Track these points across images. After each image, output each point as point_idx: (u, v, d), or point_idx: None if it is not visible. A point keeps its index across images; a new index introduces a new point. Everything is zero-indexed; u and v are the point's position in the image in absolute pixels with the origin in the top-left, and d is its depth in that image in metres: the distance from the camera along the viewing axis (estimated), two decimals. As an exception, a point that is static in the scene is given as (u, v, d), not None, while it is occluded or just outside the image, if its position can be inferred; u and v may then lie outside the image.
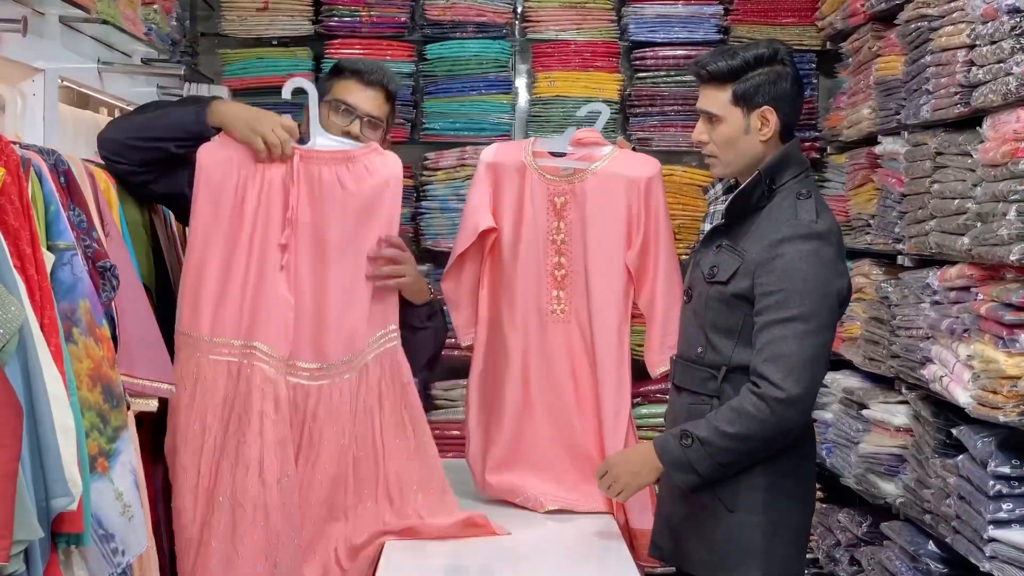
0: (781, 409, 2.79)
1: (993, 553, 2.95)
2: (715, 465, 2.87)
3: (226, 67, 4.94)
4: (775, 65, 2.96)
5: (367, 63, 3.34)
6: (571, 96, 4.93)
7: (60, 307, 2.24)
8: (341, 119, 3.22)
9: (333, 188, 3.07)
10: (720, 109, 2.97)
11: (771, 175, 2.96)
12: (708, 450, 2.85)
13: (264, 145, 3.00)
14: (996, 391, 2.92)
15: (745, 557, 2.95)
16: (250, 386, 3.00)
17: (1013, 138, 2.87)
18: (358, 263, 3.09)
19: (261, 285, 3.02)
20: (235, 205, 3.01)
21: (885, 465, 3.89)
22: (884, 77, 4.04)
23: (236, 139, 3.02)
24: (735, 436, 2.83)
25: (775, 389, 2.78)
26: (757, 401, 2.80)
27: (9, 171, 2.12)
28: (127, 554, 2.39)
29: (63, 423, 2.11)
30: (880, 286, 4.00)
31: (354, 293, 3.08)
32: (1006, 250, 2.84)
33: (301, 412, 3.04)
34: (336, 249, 3.07)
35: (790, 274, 2.83)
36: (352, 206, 3.08)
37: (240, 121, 3.04)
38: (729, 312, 2.95)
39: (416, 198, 4.96)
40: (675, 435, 2.91)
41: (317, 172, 3.06)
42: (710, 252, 3.04)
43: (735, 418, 2.83)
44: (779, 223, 2.90)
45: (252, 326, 3.01)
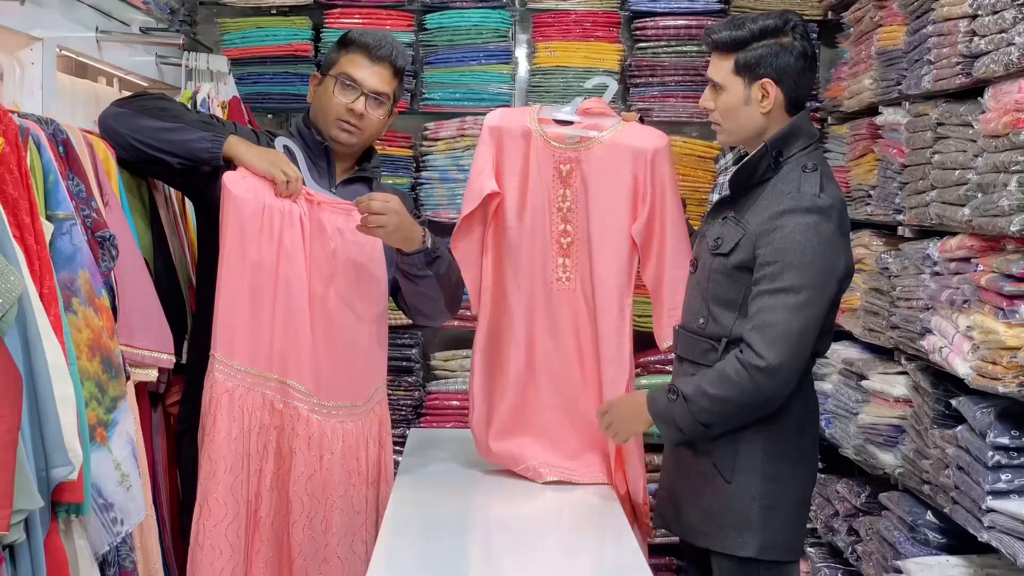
0: (761, 377, 2.82)
1: (991, 523, 2.96)
2: (696, 423, 2.92)
3: (225, 36, 4.91)
4: (781, 37, 2.95)
5: (376, 36, 3.29)
6: (571, 66, 4.91)
7: (59, 277, 2.24)
8: (346, 95, 3.21)
9: (335, 236, 3.11)
10: (723, 78, 2.99)
11: (778, 147, 2.96)
12: (690, 408, 2.90)
13: (284, 178, 3.02)
14: (996, 362, 2.92)
15: (741, 528, 2.96)
16: (283, 420, 3.07)
17: (1014, 108, 2.86)
18: (358, 313, 3.15)
19: (289, 320, 3.06)
20: (261, 234, 3.02)
21: (884, 436, 3.90)
22: (885, 47, 4.03)
23: (254, 172, 3.03)
24: (715, 398, 2.88)
25: (756, 357, 2.82)
26: (738, 367, 2.84)
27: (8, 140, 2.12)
28: (126, 523, 2.40)
29: (63, 393, 2.12)
30: (880, 257, 4.00)
31: (357, 342, 3.16)
32: (1007, 221, 2.84)
33: (318, 448, 3.10)
34: (339, 293, 3.11)
35: (787, 246, 2.84)
36: (352, 256, 3.13)
37: (258, 155, 3.07)
38: (731, 284, 2.95)
39: (416, 168, 4.95)
40: (665, 389, 2.99)
41: (323, 217, 3.10)
42: (716, 224, 3.04)
43: (717, 380, 2.88)
44: (782, 195, 2.91)
45: (284, 362, 3.06)
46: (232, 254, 3.00)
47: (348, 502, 3.14)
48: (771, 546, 2.98)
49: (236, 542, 3.01)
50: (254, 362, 3.04)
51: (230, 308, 3.01)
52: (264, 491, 3.06)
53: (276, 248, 3.03)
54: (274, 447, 3.07)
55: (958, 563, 3.38)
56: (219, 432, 3.00)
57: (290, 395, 3.06)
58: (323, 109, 3.23)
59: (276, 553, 3.08)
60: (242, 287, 3.02)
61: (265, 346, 3.04)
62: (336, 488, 3.11)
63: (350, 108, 3.20)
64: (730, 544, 2.98)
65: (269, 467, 3.06)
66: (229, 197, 2.99)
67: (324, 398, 3.10)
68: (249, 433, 3.03)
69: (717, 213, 3.07)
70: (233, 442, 3.01)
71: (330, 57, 3.29)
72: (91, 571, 2.31)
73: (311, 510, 3.07)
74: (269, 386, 3.05)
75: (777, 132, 2.97)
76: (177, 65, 4.15)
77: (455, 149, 4.87)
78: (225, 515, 2.99)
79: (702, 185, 4.81)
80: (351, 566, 3.12)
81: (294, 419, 3.06)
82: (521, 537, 2.99)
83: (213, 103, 3.98)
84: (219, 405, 3.00)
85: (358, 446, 3.16)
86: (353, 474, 3.15)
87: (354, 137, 3.24)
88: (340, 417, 3.12)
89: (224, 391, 3.00)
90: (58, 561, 2.17)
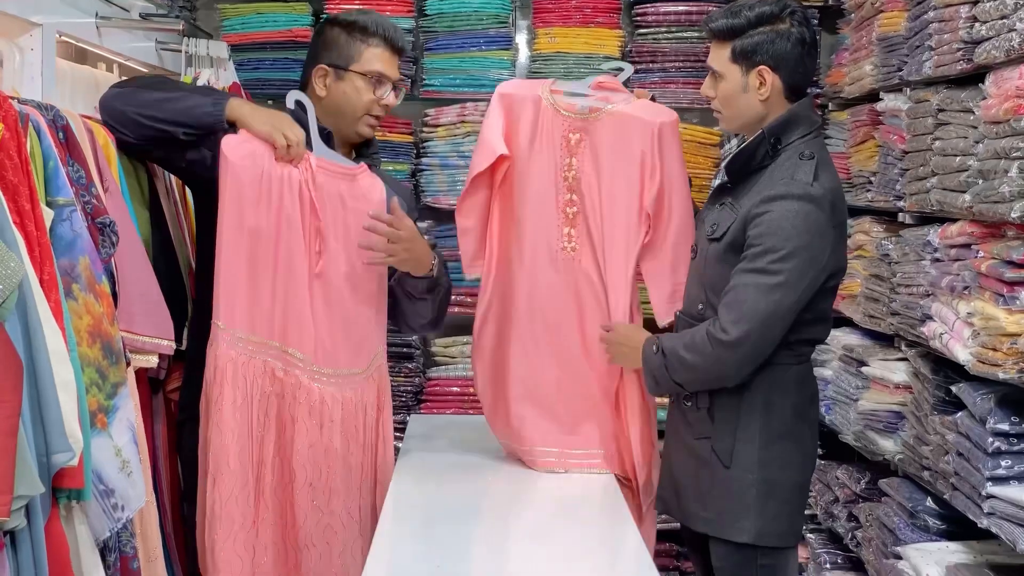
0: (720, 350, 2.88)
1: (991, 509, 2.96)
2: (670, 380, 3.02)
3: (225, 21, 4.90)
4: (777, 24, 2.95)
5: (385, 25, 3.27)
6: (571, 52, 4.90)
7: (60, 263, 2.24)
8: (378, 90, 3.23)
9: (335, 201, 3.10)
10: (721, 66, 3.01)
11: (776, 135, 2.97)
12: (666, 363, 3.00)
13: (284, 142, 3.00)
14: (996, 348, 2.92)
15: (739, 513, 2.97)
16: (284, 388, 3.06)
17: (1015, 95, 2.86)
18: (357, 282, 3.14)
19: (289, 287, 3.05)
20: (260, 201, 3.00)
21: (884, 422, 3.90)
22: (886, 33, 4.02)
23: (256, 135, 3.01)
24: (682, 360, 2.97)
25: (720, 331, 2.88)
26: (704, 336, 2.92)
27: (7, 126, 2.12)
28: (127, 509, 2.41)
29: (63, 379, 2.12)
30: (880, 243, 4.00)
31: (358, 310, 3.15)
32: (1007, 207, 2.83)
33: (319, 415, 3.10)
34: (337, 261, 3.10)
35: (773, 230, 2.85)
36: (352, 223, 3.11)
37: (260, 117, 3.03)
38: (724, 270, 2.97)
39: (416, 155, 4.94)
40: (652, 339, 3.08)
41: (324, 183, 3.08)
42: (714, 210, 3.06)
43: (689, 343, 2.96)
44: (775, 182, 2.91)
45: (285, 329, 3.05)
46: (231, 221, 2.98)
47: (348, 468, 3.14)
48: (768, 532, 2.98)
49: (246, 510, 3.01)
50: (255, 330, 3.03)
51: (230, 276, 2.99)
52: (267, 459, 3.05)
53: (276, 215, 3.01)
54: (275, 415, 3.06)
55: (958, 549, 3.39)
56: (226, 401, 2.99)
57: (291, 363, 3.05)
58: (352, 107, 3.23)
59: (280, 521, 3.08)
60: (241, 255, 3.00)
61: (266, 314, 3.03)
62: (336, 454, 3.11)
63: (384, 103, 3.23)
64: (727, 529, 2.99)
65: (271, 435, 3.06)
66: (227, 163, 2.96)
67: (323, 366, 3.09)
68: (252, 401, 3.03)
69: (716, 200, 3.09)
70: (238, 411, 3.01)
71: (344, 49, 3.24)
72: (92, 557, 2.32)
73: (314, 477, 3.07)
74: (270, 353, 3.04)
75: (775, 119, 2.98)
76: (177, 51, 4.14)
77: (455, 135, 4.87)
78: (235, 484, 2.99)
79: (703, 171, 4.80)
80: (350, 531, 3.14)
81: (295, 387, 3.06)
82: (521, 522, 3.00)
83: (213, 89, 3.97)
84: (224, 375, 2.99)
85: (356, 413, 3.15)
86: (352, 440, 3.15)
87: (376, 127, 3.29)
88: (339, 385, 3.12)
89: (228, 360, 2.99)
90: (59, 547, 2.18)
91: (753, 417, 2.97)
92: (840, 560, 4.36)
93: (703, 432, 3.02)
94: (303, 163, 3.05)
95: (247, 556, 3.02)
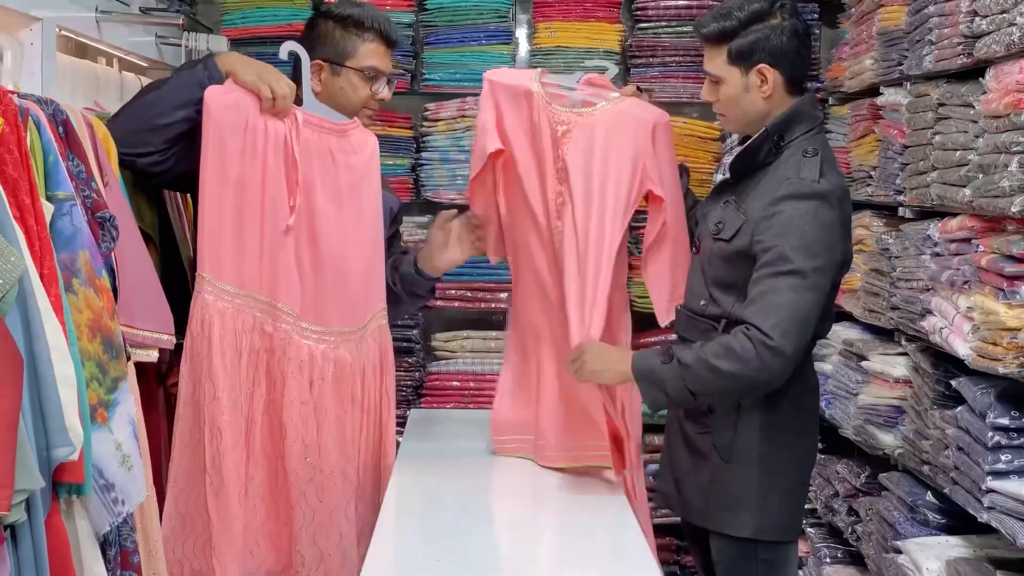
0: (768, 356, 2.77)
1: (991, 504, 2.96)
2: (685, 390, 2.85)
3: (225, 16, 4.90)
4: (770, 20, 2.94)
5: (379, 18, 3.25)
6: (572, 47, 4.90)
7: (60, 257, 2.24)
8: (374, 85, 3.22)
9: (325, 157, 3.07)
10: (719, 70, 2.98)
11: (779, 132, 2.95)
12: (686, 374, 2.83)
13: (270, 94, 2.96)
14: (996, 343, 2.92)
15: (739, 508, 2.97)
16: (273, 343, 3.03)
17: (1016, 89, 2.86)
18: (348, 238, 3.11)
19: (274, 243, 3.02)
20: (243, 152, 2.96)
21: (884, 416, 3.90)
22: (887, 27, 4.02)
23: (242, 84, 2.98)
24: (717, 370, 2.80)
25: (765, 336, 2.76)
26: (745, 342, 2.78)
27: (7, 121, 2.11)
28: (127, 504, 2.40)
29: (63, 373, 2.11)
30: (881, 238, 4.00)
31: (348, 267, 3.11)
32: (1007, 202, 2.84)
33: (309, 373, 3.07)
34: (326, 217, 3.07)
35: (787, 231, 2.82)
36: (342, 180, 3.09)
37: (248, 67, 3.00)
38: (730, 269, 2.95)
39: (416, 149, 4.94)
40: (657, 351, 2.94)
41: (311, 138, 3.05)
42: (717, 207, 3.04)
43: (722, 352, 2.80)
44: (781, 181, 2.89)
45: (273, 284, 3.02)
46: (213, 172, 2.94)
47: (341, 429, 3.11)
48: (769, 526, 2.99)
49: (240, 469, 3.00)
50: (243, 284, 2.99)
51: (215, 227, 2.95)
52: (257, 415, 3.03)
53: (261, 167, 2.98)
54: (265, 370, 3.04)
55: (958, 543, 3.39)
56: (215, 354, 2.96)
57: (280, 318, 3.02)
58: (349, 102, 3.22)
59: (271, 479, 3.06)
60: (226, 206, 2.96)
61: (253, 268, 3.00)
62: (328, 414, 3.08)
63: (380, 98, 3.23)
64: (727, 524, 2.99)
65: (261, 391, 3.03)
66: (208, 112, 2.92)
67: (313, 322, 3.06)
68: (241, 355, 3.00)
69: (718, 196, 3.07)
70: (228, 364, 2.98)
71: (339, 44, 3.22)
72: (92, 551, 2.32)
73: (305, 435, 3.04)
74: (259, 308, 3.01)
75: (778, 117, 2.96)
76: (177, 45, 4.14)
77: (456, 130, 4.87)
78: (229, 439, 2.97)
79: (703, 165, 4.80)
80: (344, 492, 3.11)
81: (285, 343, 3.03)
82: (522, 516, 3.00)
83: (213, 83, 3.97)
84: (212, 327, 2.96)
85: (353, 374, 3.12)
86: (346, 400, 3.11)
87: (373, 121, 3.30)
88: (331, 343, 3.09)
89: (215, 312, 2.96)
90: (59, 541, 2.18)
91: (754, 412, 2.96)
92: (840, 554, 4.37)
93: (704, 427, 3.02)
94: (289, 117, 3.02)
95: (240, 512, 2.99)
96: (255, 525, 3.05)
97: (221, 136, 2.94)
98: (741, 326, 2.82)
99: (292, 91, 3.02)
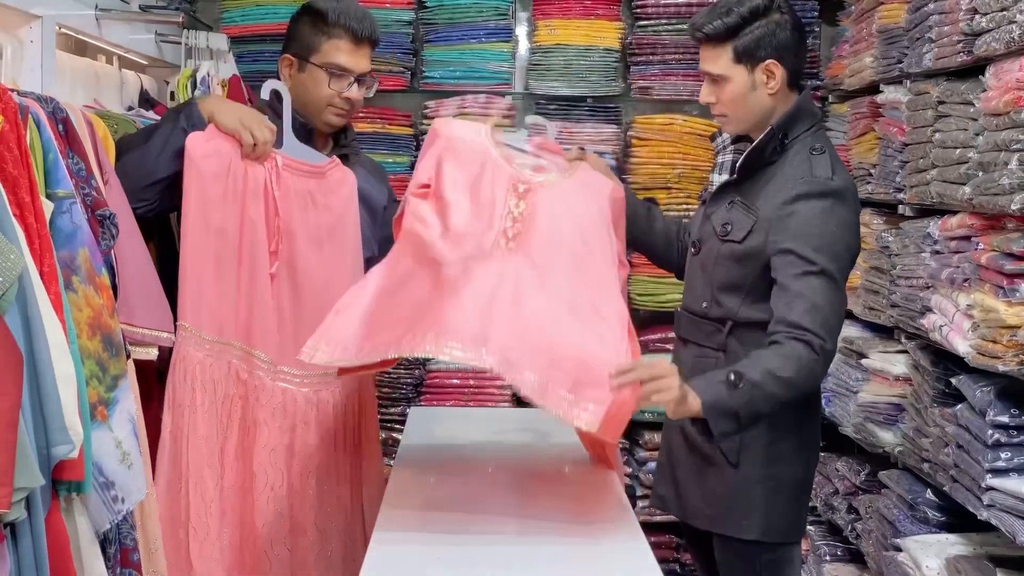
0: (824, 359, 2.74)
1: (991, 501, 2.97)
2: (753, 413, 2.72)
3: (225, 13, 4.89)
4: (772, 15, 2.91)
5: (349, 14, 3.19)
6: (572, 44, 4.90)
7: (59, 255, 2.24)
8: (338, 84, 3.19)
9: (304, 200, 3.08)
10: (723, 69, 2.93)
11: (784, 130, 2.93)
12: (756, 394, 2.68)
13: (251, 139, 2.97)
14: (996, 340, 2.92)
15: (746, 512, 2.96)
16: (247, 390, 3.05)
17: (1015, 87, 2.86)
18: (329, 279, 3.10)
19: (253, 289, 3.03)
20: (225, 200, 2.97)
21: (884, 414, 3.90)
22: (887, 25, 4.02)
23: (223, 129, 2.98)
24: (785, 381, 2.69)
25: (819, 339, 2.71)
26: (801, 347, 2.70)
27: (7, 119, 2.11)
28: (127, 501, 2.41)
29: (63, 371, 2.11)
30: (880, 235, 4.00)
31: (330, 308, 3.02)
32: (1007, 199, 2.84)
33: (291, 418, 3.09)
34: (307, 260, 3.08)
35: (807, 231, 2.80)
36: (322, 221, 3.10)
37: (230, 112, 3.01)
38: (739, 269, 2.93)
39: (416, 147, 4.93)
40: (721, 379, 2.70)
41: (291, 181, 3.06)
42: (722, 208, 3.00)
43: (785, 364, 2.69)
44: (794, 180, 2.87)
45: (248, 331, 3.03)
46: (194, 220, 2.95)
47: (327, 470, 3.13)
48: (775, 528, 2.98)
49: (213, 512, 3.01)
50: (221, 332, 3.01)
51: (195, 276, 2.96)
52: (228, 461, 3.04)
53: (240, 214, 2.99)
54: (239, 417, 3.05)
55: (957, 541, 3.39)
56: (198, 404, 2.98)
57: (255, 365, 3.04)
58: (313, 99, 3.20)
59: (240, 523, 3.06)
60: (206, 254, 2.97)
61: (230, 315, 3.01)
62: (312, 457, 3.09)
63: (345, 97, 3.19)
64: (734, 527, 2.97)
65: (233, 438, 3.04)
66: (191, 161, 2.93)
67: (293, 366, 3.06)
68: (216, 403, 3.01)
69: (722, 196, 3.02)
70: (206, 413, 3.00)
71: (306, 39, 3.20)
72: (92, 549, 2.32)
73: (275, 480, 3.06)
74: (235, 355, 3.03)
75: (783, 114, 2.94)
76: (177, 43, 4.14)
77: (455, 128, 4.86)
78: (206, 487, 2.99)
79: (702, 164, 4.80)
80: (327, 534, 3.13)
81: (258, 390, 3.04)
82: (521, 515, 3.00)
83: (213, 82, 3.97)
84: (195, 377, 2.98)
85: (334, 415, 3.14)
86: (329, 442, 3.13)
87: (346, 118, 3.26)
88: (313, 386, 3.10)
89: (196, 362, 2.98)
90: (59, 539, 2.18)
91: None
92: (840, 552, 4.37)
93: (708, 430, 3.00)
94: (269, 161, 3.03)
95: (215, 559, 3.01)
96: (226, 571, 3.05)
97: (202, 184, 2.95)
98: (783, 332, 2.74)
99: (273, 135, 3.02)
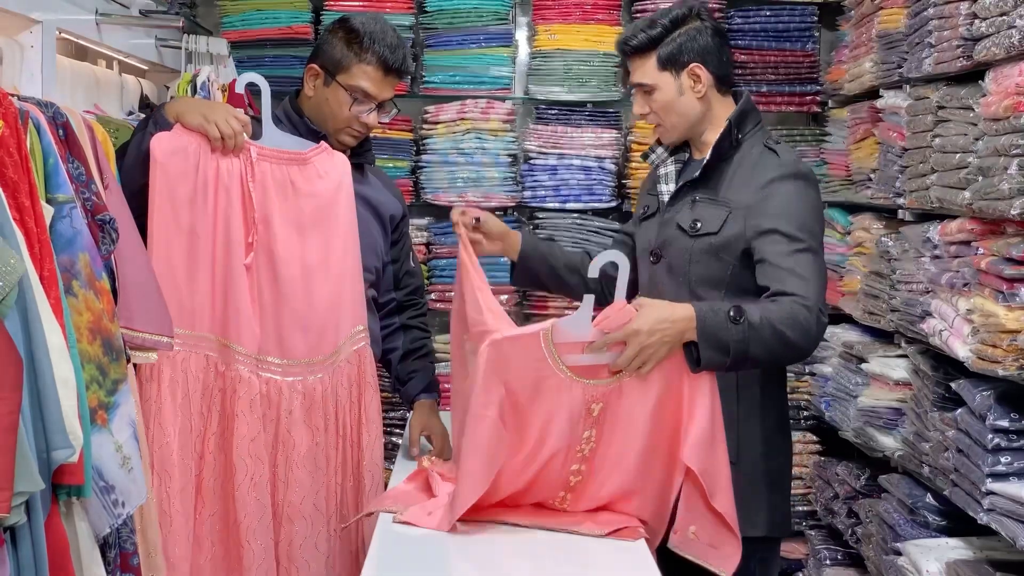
0: (819, 329, 2.77)
1: (991, 506, 2.97)
2: (742, 353, 2.67)
3: (225, 18, 4.90)
4: (692, 22, 3.03)
5: (388, 41, 3.21)
6: (572, 49, 4.91)
7: (59, 260, 2.24)
8: (359, 107, 3.20)
9: (284, 188, 3.05)
10: (651, 78, 3.04)
11: (738, 124, 3.02)
12: (751, 335, 2.67)
13: (217, 133, 2.93)
14: (995, 345, 2.92)
15: (750, 509, 2.95)
16: (225, 383, 3.03)
17: (1015, 92, 2.86)
18: (312, 267, 3.08)
19: (228, 282, 3.00)
20: (194, 197, 2.95)
21: (884, 418, 3.91)
22: (886, 30, 4.02)
23: (189, 128, 2.95)
24: (781, 335, 2.69)
25: (816, 307, 2.75)
26: (803, 312, 2.72)
27: (7, 123, 2.11)
28: (127, 505, 2.40)
29: (63, 375, 2.11)
30: (880, 240, 4.00)
31: (313, 297, 3.08)
32: (1007, 204, 2.84)
33: (275, 408, 3.07)
34: (287, 249, 3.05)
35: (788, 210, 2.88)
36: (306, 208, 3.07)
37: (193, 109, 2.98)
38: (717, 262, 2.97)
39: (416, 152, 4.94)
40: (723, 310, 2.68)
41: (269, 171, 3.03)
42: (683, 209, 3.04)
43: (786, 319, 2.70)
44: (763, 167, 2.96)
45: (225, 323, 3.01)
46: (162, 218, 2.92)
47: (315, 458, 3.10)
48: (776, 523, 3.03)
49: (187, 508, 2.98)
50: (194, 325, 2.98)
51: (164, 274, 2.89)
52: (207, 454, 3.02)
53: (212, 210, 2.96)
54: (219, 409, 3.03)
55: (957, 545, 3.39)
56: (165, 399, 2.95)
57: (232, 358, 3.01)
58: (331, 115, 3.22)
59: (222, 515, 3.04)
60: (175, 251, 2.94)
61: (205, 308, 2.98)
62: (298, 446, 3.07)
63: (363, 121, 3.21)
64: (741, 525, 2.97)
65: (213, 429, 3.02)
66: (155, 163, 2.90)
67: (275, 355, 3.04)
68: (193, 397, 2.99)
69: (679, 199, 3.06)
70: (179, 407, 2.97)
71: (336, 55, 3.21)
72: (92, 553, 2.32)
73: (255, 472, 3.02)
74: (212, 347, 3.00)
75: (734, 111, 3.03)
76: (177, 48, 4.14)
77: (455, 132, 4.87)
78: (177, 481, 2.96)
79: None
80: (315, 523, 3.11)
81: (235, 381, 3.01)
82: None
83: (213, 86, 3.97)
84: (161, 372, 2.94)
85: (325, 402, 3.11)
86: (318, 431, 3.10)
87: (358, 140, 3.29)
88: (298, 374, 3.07)
89: (164, 357, 2.92)
90: (59, 543, 2.18)
91: (753, 410, 2.98)
92: (840, 556, 4.37)
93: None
94: (244, 153, 3.00)
95: (187, 554, 2.98)
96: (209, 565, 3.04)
97: (168, 182, 2.92)
98: (788, 297, 2.75)
99: (244, 125, 2.98)
